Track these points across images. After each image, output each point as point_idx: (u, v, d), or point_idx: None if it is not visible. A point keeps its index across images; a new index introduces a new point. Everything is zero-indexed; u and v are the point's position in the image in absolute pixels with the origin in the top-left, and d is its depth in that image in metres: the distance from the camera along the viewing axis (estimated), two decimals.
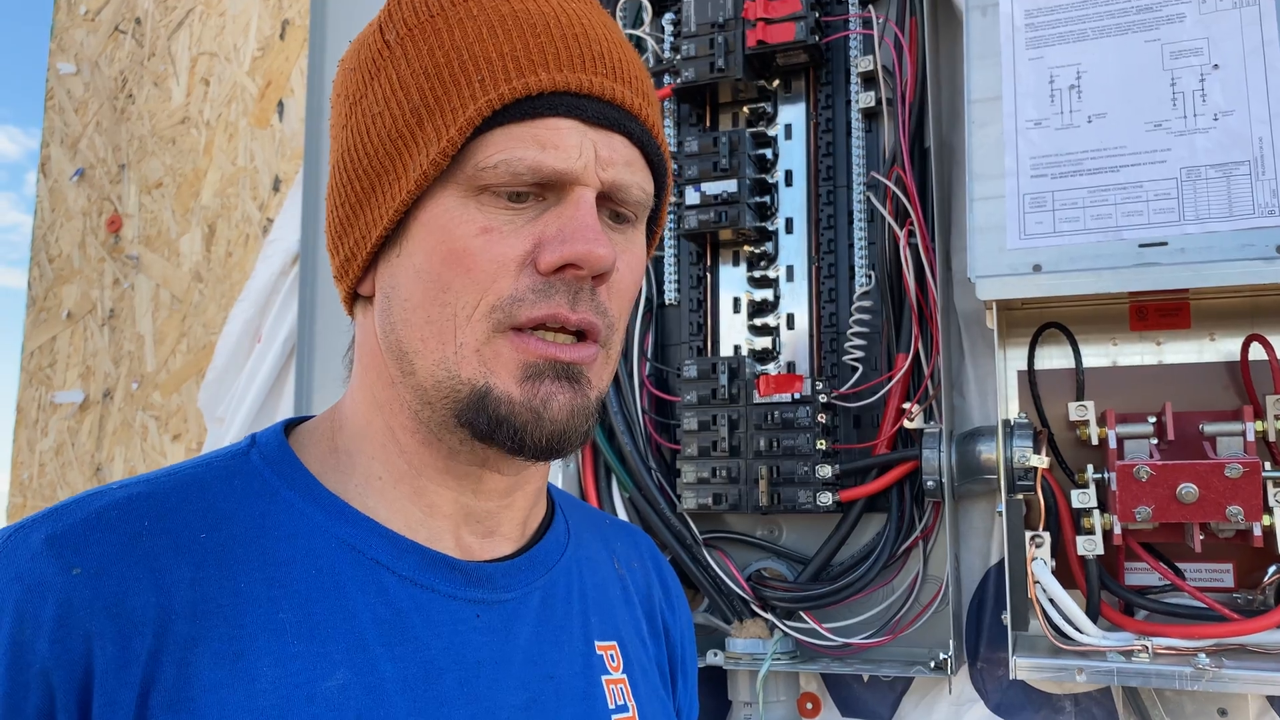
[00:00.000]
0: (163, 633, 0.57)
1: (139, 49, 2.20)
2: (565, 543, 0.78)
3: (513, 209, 0.64)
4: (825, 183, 1.45)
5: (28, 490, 2.23)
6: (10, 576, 0.56)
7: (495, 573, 0.70)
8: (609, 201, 0.67)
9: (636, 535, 0.93)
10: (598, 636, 0.76)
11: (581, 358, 0.65)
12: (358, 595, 0.63)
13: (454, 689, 0.64)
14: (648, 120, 0.69)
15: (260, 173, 1.96)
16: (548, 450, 0.65)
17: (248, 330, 1.84)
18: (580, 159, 0.64)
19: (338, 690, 0.60)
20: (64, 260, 2.25)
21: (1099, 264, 1.15)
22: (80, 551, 0.57)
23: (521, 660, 0.69)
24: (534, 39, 0.65)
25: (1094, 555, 1.19)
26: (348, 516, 0.67)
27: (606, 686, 0.74)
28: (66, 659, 0.55)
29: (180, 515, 0.62)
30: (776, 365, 1.45)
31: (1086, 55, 1.21)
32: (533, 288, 0.63)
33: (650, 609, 0.86)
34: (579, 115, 0.65)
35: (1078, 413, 1.24)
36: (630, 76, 0.68)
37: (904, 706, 1.37)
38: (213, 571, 0.60)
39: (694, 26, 1.45)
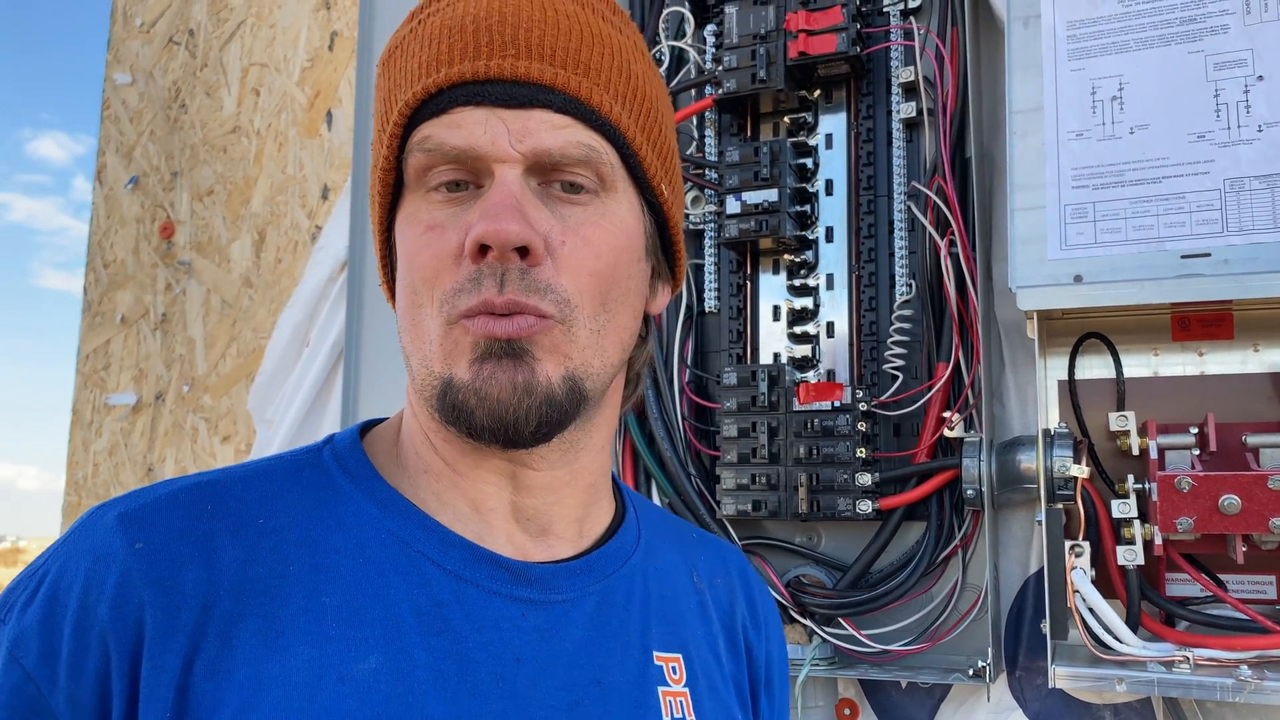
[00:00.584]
0: (209, 607, 0.61)
1: (192, 60, 2.25)
2: (631, 550, 0.77)
3: (453, 203, 0.66)
4: (866, 192, 1.47)
5: (82, 489, 2.29)
6: (85, 547, 0.62)
7: (545, 574, 0.70)
8: (555, 172, 0.66)
9: (726, 551, 0.90)
10: (659, 647, 0.74)
11: (517, 329, 0.63)
12: (400, 585, 0.65)
13: (489, 683, 0.64)
14: (572, 89, 0.66)
15: (309, 181, 2.00)
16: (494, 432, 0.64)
17: (296, 335, 1.88)
18: (485, 135, 0.64)
19: (369, 674, 0.62)
20: (118, 266, 2.31)
21: (1141, 275, 1.16)
22: (145, 529, 0.62)
23: (567, 662, 0.68)
24: (447, 41, 0.66)
25: (1134, 565, 1.19)
26: (399, 510, 0.69)
27: (663, 698, 0.72)
28: (121, 624, 0.59)
29: (243, 502, 0.66)
30: (816, 373, 1.46)
31: (1129, 66, 1.21)
32: (468, 277, 0.64)
33: (731, 626, 0.83)
34: (483, 100, 0.65)
35: (1118, 423, 1.24)
36: (553, 50, 0.66)
37: (942, 713, 1.38)
38: (264, 555, 0.64)
39: (736, 38, 1.47)
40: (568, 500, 0.73)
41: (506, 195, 0.64)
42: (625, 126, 0.69)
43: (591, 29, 0.69)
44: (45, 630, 0.60)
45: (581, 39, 0.68)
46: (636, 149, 0.70)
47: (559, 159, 0.65)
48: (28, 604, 0.61)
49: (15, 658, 0.60)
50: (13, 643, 0.60)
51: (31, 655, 0.59)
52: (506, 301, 0.63)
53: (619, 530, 0.78)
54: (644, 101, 0.71)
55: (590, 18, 0.70)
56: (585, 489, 0.74)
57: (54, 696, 0.59)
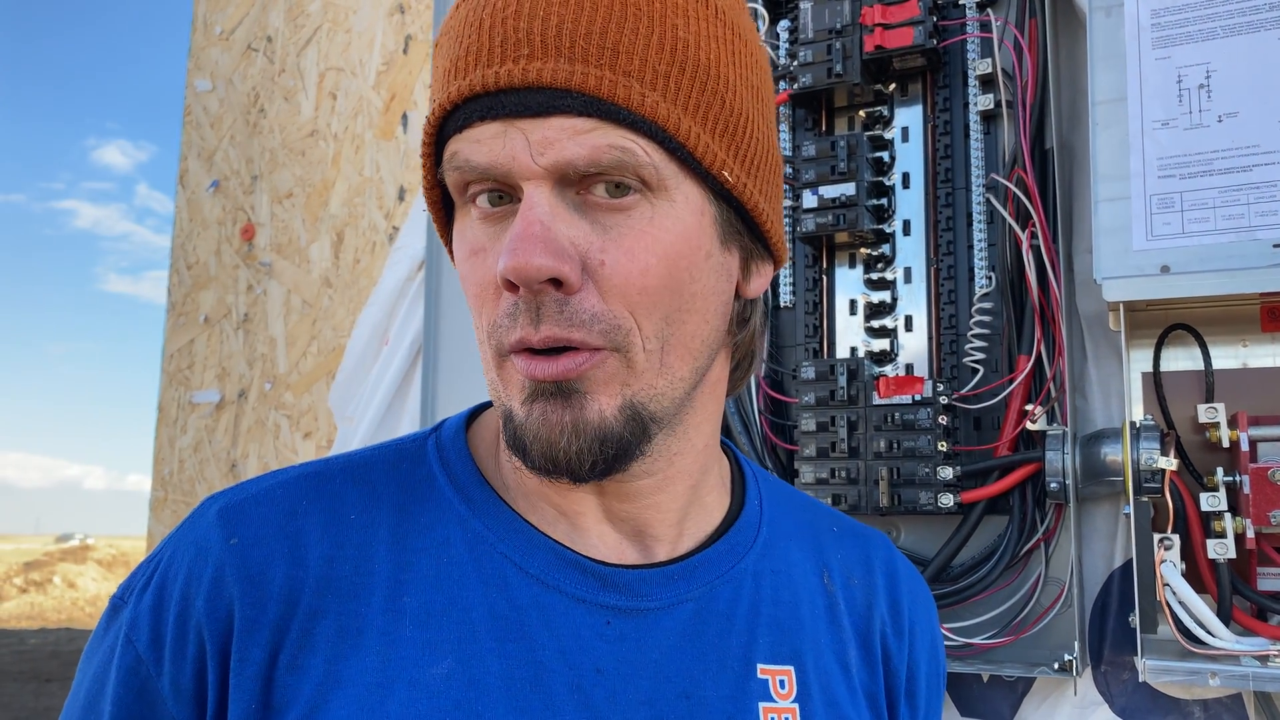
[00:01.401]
0: (294, 603, 0.62)
1: (270, 65, 2.31)
2: (745, 551, 0.72)
3: (494, 221, 0.61)
4: (943, 185, 1.46)
5: (168, 485, 2.37)
6: (190, 540, 0.65)
7: (636, 580, 0.67)
8: (590, 179, 0.59)
9: (872, 546, 0.81)
10: (765, 659, 0.69)
11: (557, 372, 0.59)
12: (477, 588, 0.64)
13: (563, 694, 0.62)
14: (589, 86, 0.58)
15: (385, 183, 2.05)
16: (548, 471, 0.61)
17: (376, 333, 1.93)
18: (505, 151, 0.58)
19: (441, 679, 0.61)
20: (201, 267, 2.38)
21: (1231, 265, 1.14)
22: (240, 525, 0.65)
23: (652, 674, 0.64)
24: (463, 44, 0.61)
25: (1225, 559, 1.17)
26: (489, 509, 0.67)
27: (764, 715, 0.67)
28: (214, 616, 0.62)
29: (339, 497, 0.67)
30: (894, 367, 1.46)
31: (1216, 54, 1.20)
32: (506, 312, 0.60)
33: (867, 631, 0.76)
34: (497, 113, 0.59)
35: (1207, 415, 1.23)
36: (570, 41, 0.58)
37: (1025, 708, 1.37)
38: (350, 552, 0.65)
39: (811, 33, 1.47)
40: (665, 504, 0.69)
41: (529, 223, 0.57)
42: (665, 116, 0.59)
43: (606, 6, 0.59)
44: (155, 617, 0.63)
45: (610, 16, 0.59)
46: (684, 138, 0.60)
47: (587, 168, 0.58)
48: (143, 590, 0.65)
49: (131, 640, 0.63)
50: (129, 626, 0.64)
51: (143, 639, 0.63)
52: (544, 338, 0.58)
53: (732, 528, 0.73)
54: (695, 73, 0.61)
55: None
56: (685, 491, 0.70)
57: (161, 679, 0.62)
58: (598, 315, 0.58)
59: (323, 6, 2.24)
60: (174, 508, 2.38)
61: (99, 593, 17.74)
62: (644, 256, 0.60)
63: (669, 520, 0.69)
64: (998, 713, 1.38)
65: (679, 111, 0.60)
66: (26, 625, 14.42)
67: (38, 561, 20.03)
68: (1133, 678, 1.29)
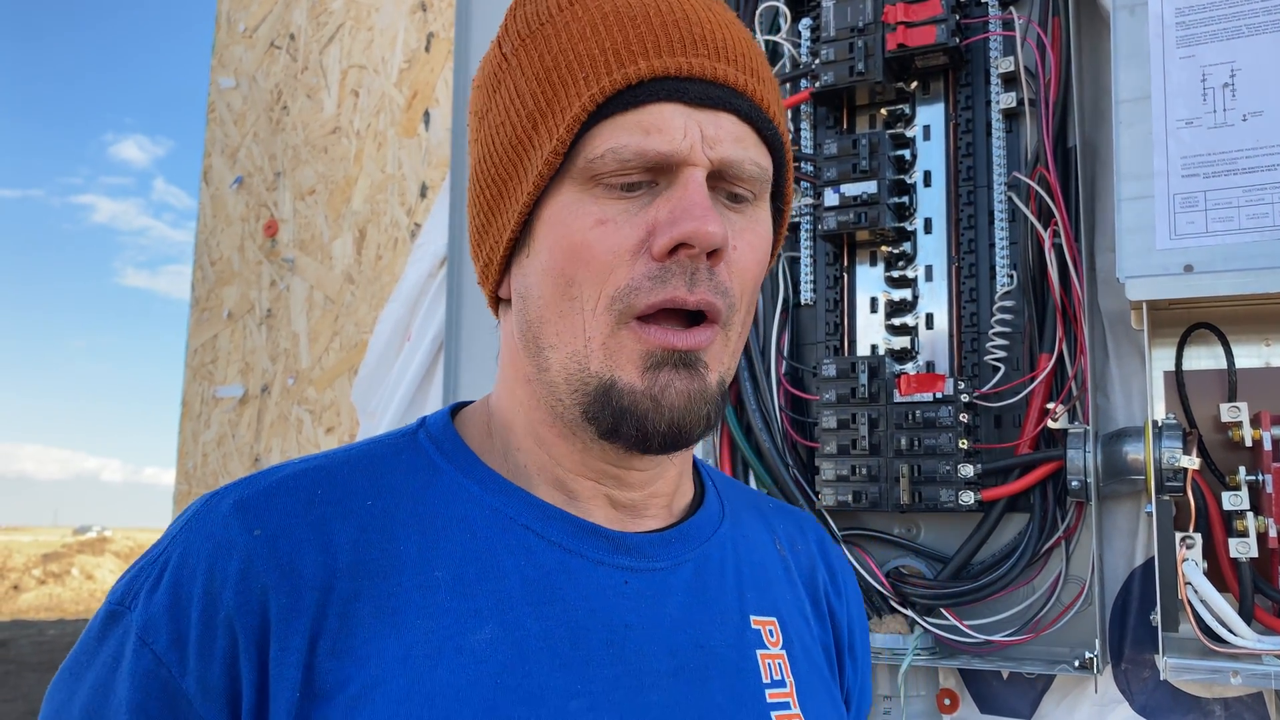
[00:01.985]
0: (328, 589, 0.63)
1: (293, 63, 2.33)
2: (719, 520, 0.79)
3: (626, 198, 0.66)
4: (965, 183, 1.46)
5: (192, 479, 2.39)
6: (204, 535, 0.65)
7: (644, 543, 0.72)
8: (723, 181, 0.68)
9: (802, 519, 0.92)
10: (754, 611, 0.76)
11: (697, 343, 0.66)
12: (506, 557, 0.67)
13: (600, 650, 0.66)
14: (756, 96, 0.68)
15: (408, 180, 2.06)
16: (669, 437, 0.66)
17: (398, 329, 1.94)
18: (685, 140, 0.65)
19: (485, 644, 0.64)
20: (224, 263, 2.40)
21: (1255, 264, 1.14)
22: (261, 516, 0.65)
23: (670, 628, 0.70)
24: (634, 30, 0.66)
25: (1247, 558, 1.17)
26: (501, 487, 0.71)
27: (762, 661, 0.74)
28: (246, 609, 0.62)
29: (349, 485, 0.68)
30: (915, 365, 1.47)
31: (1241, 53, 1.20)
32: (649, 274, 0.64)
33: (814, 590, 0.85)
34: (681, 98, 0.65)
35: (1230, 414, 1.23)
36: (735, 55, 0.68)
37: (1045, 705, 1.38)
38: (375, 535, 0.66)
39: (833, 31, 1.48)
40: (661, 490, 0.76)
41: (703, 196, 0.65)
42: (786, 139, 0.72)
43: (744, 30, 0.72)
44: (173, 616, 0.62)
45: (747, 43, 0.70)
46: (787, 162, 0.73)
47: (735, 173, 0.67)
48: (153, 591, 0.63)
49: (145, 642, 0.62)
50: (142, 628, 0.62)
51: (161, 640, 0.62)
52: (699, 300, 0.65)
53: (704, 503, 0.80)
54: (782, 104, 0.73)
55: (735, 18, 0.72)
56: (676, 477, 0.77)
57: (185, 679, 0.61)
58: (729, 289, 0.67)
59: (345, 4, 2.26)
60: None
61: None
62: (757, 249, 0.70)
63: (661, 504, 0.76)
64: (1017, 710, 1.39)
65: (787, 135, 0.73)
66: (45, 616, 14.55)
67: (56, 553, 20.20)
68: (1153, 676, 1.30)
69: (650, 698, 0.67)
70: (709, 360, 0.67)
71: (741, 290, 0.69)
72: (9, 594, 16.80)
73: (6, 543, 24.33)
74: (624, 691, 0.66)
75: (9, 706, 7.88)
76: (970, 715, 1.42)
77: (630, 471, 0.72)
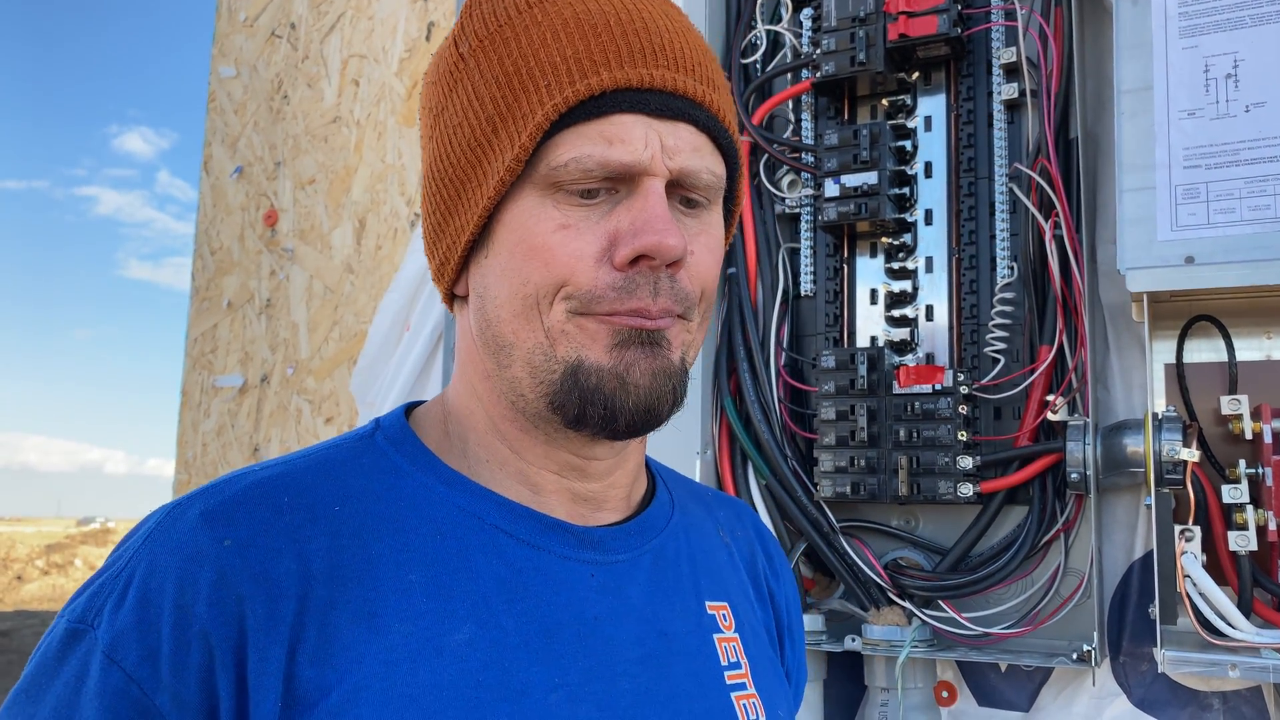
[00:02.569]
0: (305, 596, 0.63)
1: (293, 52, 2.32)
2: (670, 511, 0.82)
3: (587, 205, 0.67)
4: (966, 174, 1.46)
5: (192, 468, 2.39)
6: (171, 547, 0.63)
7: (606, 536, 0.74)
8: (680, 189, 0.69)
9: (738, 506, 0.95)
10: (709, 597, 0.79)
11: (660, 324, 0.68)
12: (479, 557, 0.68)
13: (572, 643, 0.68)
14: (713, 106, 0.70)
15: (407, 170, 2.05)
16: (637, 417, 0.68)
17: (397, 319, 1.94)
18: (646, 150, 0.66)
19: (465, 643, 0.64)
20: (224, 253, 2.40)
21: (1256, 255, 1.14)
22: (230, 525, 0.64)
23: (635, 618, 0.72)
24: (595, 39, 0.67)
25: (1246, 551, 1.17)
26: (466, 487, 0.71)
27: (719, 644, 0.77)
28: (222, 620, 0.61)
29: (316, 491, 0.68)
30: (914, 356, 1.46)
31: (1244, 44, 1.19)
32: (613, 285, 0.66)
33: (755, 574, 0.89)
34: (642, 109, 0.67)
35: (1231, 406, 1.22)
36: (692, 64, 0.70)
37: (1043, 698, 1.38)
38: (347, 540, 0.66)
39: (834, 21, 1.47)
40: (620, 481, 0.78)
41: (664, 209, 0.67)
42: (739, 147, 0.74)
43: (700, 38, 0.74)
44: (141, 631, 0.60)
45: (703, 51, 0.72)
46: (741, 167, 0.76)
47: (692, 182, 0.69)
48: (118, 606, 0.61)
49: (113, 660, 0.60)
50: (109, 646, 0.60)
51: (131, 657, 0.60)
52: (661, 309, 0.68)
53: (656, 494, 0.83)
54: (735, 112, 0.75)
55: (690, 24, 0.74)
56: (635, 468, 0.79)
57: (158, 695, 0.59)
58: (689, 295, 0.70)
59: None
60: None
61: None
62: (714, 251, 0.73)
63: (621, 495, 0.78)
64: (1015, 702, 1.39)
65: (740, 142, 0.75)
66: (49, 607, 14.59)
67: (59, 544, 20.24)
68: (1151, 669, 1.29)
69: (622, 685, 0.69)
70: (671, 339, 0.70)
71: (703, 289, 0.72)
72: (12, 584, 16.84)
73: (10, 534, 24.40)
74: (599, 682, 0.68)
75: None
76: (968, 708, 1.42)
77: (592, 462, 0.74)
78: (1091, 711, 1.33)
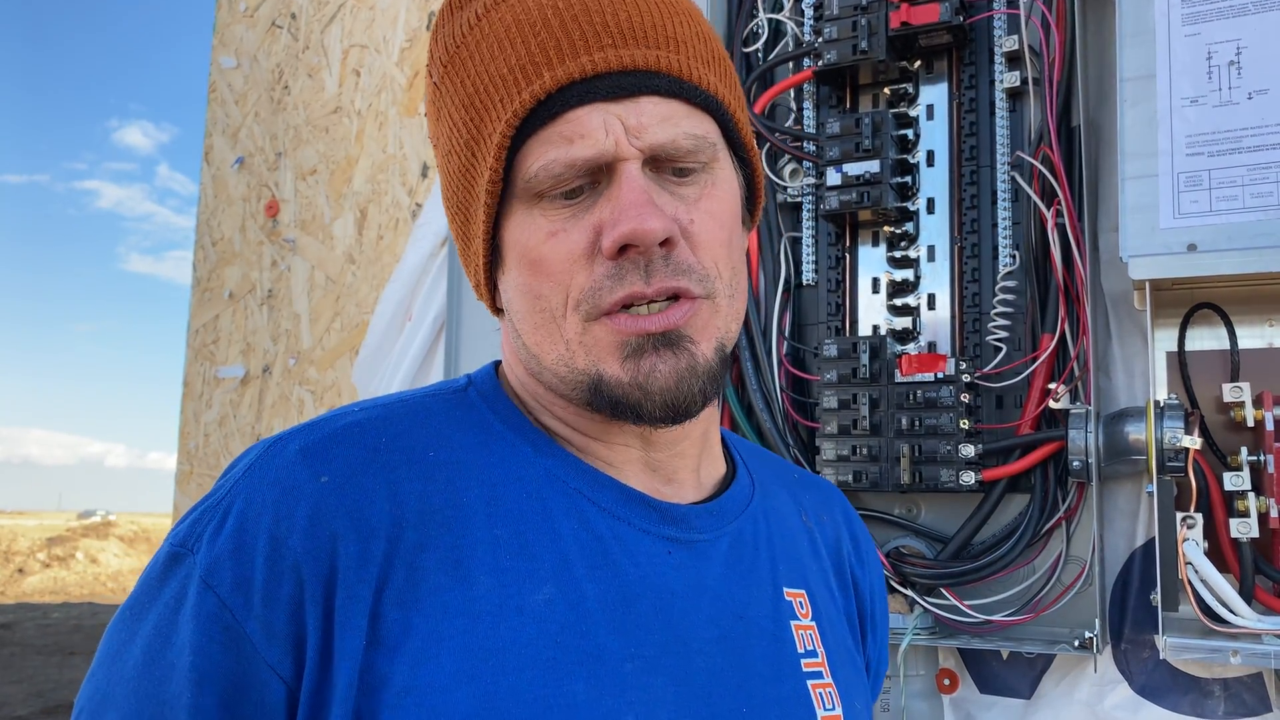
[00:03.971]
0: (396, 538, 0.64)
1: (294, 43, 2.32)
2: (750, 494, 0.81)
3: (571, 205, 0.66)
4: (968, 163, 1.46)
5: (194, 459, 2.39)
6: (270, 480, 0.64)
7: (688, 513, 0.74)
8: (663, 161, 0.67)
9: (827, 489, 0.93)
10: (786, 583, 0.78)
11: (671, 322, 0.66)
12: (563, 520, 0.68)
13: (650, 614, 0.68)
14: (673, 68, 0.67)
15: (409, 160, 2.05)
16: (668, 418, 0.68)
17: (399, 309, 1.94)
18: (608, 138, 0.65)
19: (545, 604, 0.65)
20: (226, 243, 2.40)
21: (1259, 243, 1.14)
22: (328, 462, 0.65)
23: (712, 597, 0.71)
24: (536, 40, 0.66)
25: (1248, 538, 1.17)
26: (553, 451, 0.72)
27: (795, 631, 0.76)
28: (315, 554, 0.62)
29: (412, 435, 0.69)
30: (916, 345, 1.46)
31: (1247, 31, 1.19)
32: (607, 274, 0.66)
33: (839, 562, 0.87)
34: (594, 97, 0.65)
35: (1233, 394, 1.22)
36: (641, 31, 0.67)
37: (1044, 685, 1.38)
38: (440, 486, 0.67)
39: (836, 9, 1.47)
40: (688, 451, 0.77)
41: (639, 193, 0.65)
42: (722, 96, 0.70)
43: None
44: (237, 560, 0.62)
45: (660, 11, 0.69)
46: (733, 114, 0.71)
47: (671, 153, 0.67)
48: (217, 534, 0.63)
49: (209, 585, 0.61)
50: (206, 571, 0.62)
51: (225, 583, 0.61)
52: (658, 289, 0.66)
53: (736, 477, 0.81)
54: (722, 58, 0.72)
55: None
56: (700, 438, 0.78)
57: (249, 623, 0.61)
58: (693, 266, 0.67)
59: None
60: (199, 481, 2.40)
61: (121, 568, 17.94)
62: (719, 214, 0.69)
63: (690, 466, 0.77)
64: (1017, 689, 1.39)
65: (726, 91, 0.71)
66: (50, 600, 14.62)
67: (61, 537, 20.28)
68: (1153, 656, 1.30)
69: (696, 663, 0.68)
70: (695, 334, 0.68)
71: (713, 259, 0.69)
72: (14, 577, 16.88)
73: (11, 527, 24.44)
74: (673, 657, 0.67)
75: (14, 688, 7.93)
76: (969, 695, 1.42)
77: (656, 431, 0.73)
78: (1093, 698, 1.33)
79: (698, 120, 0.69)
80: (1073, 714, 1.35)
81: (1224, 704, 1.27)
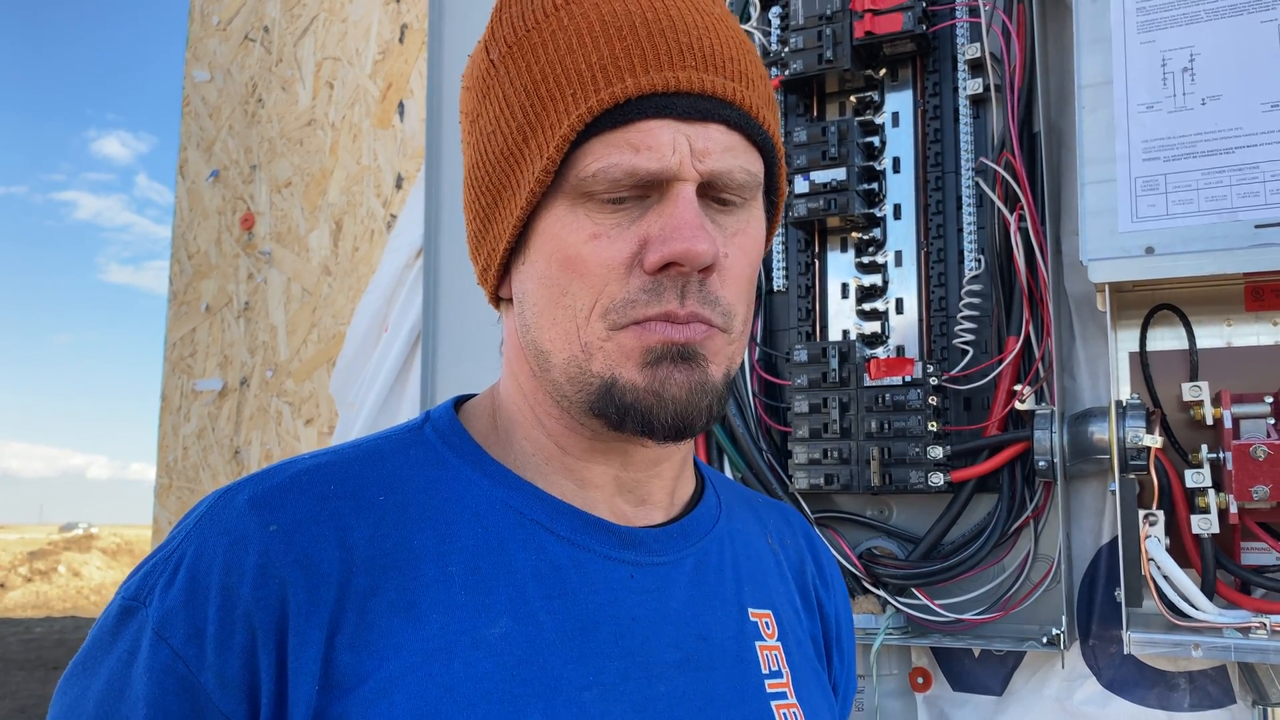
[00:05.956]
0: (345, 583, 0.64)
1: (267, 55, 2.32)
2: (717, 515, 0.81)
3: (618, 211, 0.67)
4: (933, 169, 1.48)
5: (173, 472, 2.39)
6: (219, 530, 0.65)
7: (648, 537, 0.74)
8: (713, 189, 0.68)
9: (789, 513, 0.94)
10: (751, 604, 0.78)
11: (693, 335, 0.67)
12: (519, 552, 0.69)
13: (609, 642, 0.68)
14: (744, 103, 0.69)
15: (383, 171, 2.06)
16: (675, 429, 0.68)
17: (375, 320, 1.95)
18: (674, 156, 0.66)
19: (501, 637, 0.65)
20: (202, 256, 2.40)
21: (1214, 245, 1.16)
22: (277, 511, 0.65)
23: (675, 621, 0.72)
24: (620, 44, 0.66)
25: (1209, 534, 1.20)
26: (510, 482, 0.72)
27: (760, 652, 0.76)
28: (266, 603, 0.62)
29: (361, 480, 0.69)
30: (885, 349, 1.49)
31: (1200, 38, 1.22)
32: (643, 288, 0.66)
33: (803, 583, 0.87)
34: (669, 114, 0.66)
35: (1192, 393, 1.25)
36: (723, 60, 0.68)
37: (1015, 681, 1.40)
38: (389, 529, 0.67)
39: (802, 19, 1.49)
40: (666, 473, 0.77)
41: (695, 215, 0.66)
42: (777, 140, 0.72)
43: (733, 28, 0.72)
44: (189, 611, 0.62)
45: (736, 44, 0.70)
46: (779, 159, 0.74)
47: (725, 183, 0.68)
48: (169, 585, 0.63)
49: (162, 637, 0.62)
50: (159, 624, 0.62)
51: (178, 635, 0.62)
52: (690, 313, 0.66)
53: (702, 498, 0.82)
54: (774, 102, 0.74)
55: (725, 13, 0.72)
56: (680, 461, 0.78)
57: (203, 673, 0.61)
58: (720, 299, 0.68)
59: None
60: (179, 494, 2.40)
61: (104, 581, 17.80)
62: (750, 252, 0.71)
63: (666, 488, 0.77)
64: (989, 687, 1.41)
65: (778, 136, 0.73)
66: (32, 614, 14.50)
67: (42, 551, 20.11)
68: (1119, 651, 1.32)
69: (658, 688, 0.69)
70: (709, 354, 0.68)
71: (736, 295, 0.70)
72: None
73: None
74: (634, 683, 0.68)
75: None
76: (942, 693, 1.44)
77: (639, 449, 0.74)
78: (1062, 693, 1.36)
79: (753, 157, 0.70)
80: (1043, 709, 1.37)
81: (1189, 696, 1.30)
